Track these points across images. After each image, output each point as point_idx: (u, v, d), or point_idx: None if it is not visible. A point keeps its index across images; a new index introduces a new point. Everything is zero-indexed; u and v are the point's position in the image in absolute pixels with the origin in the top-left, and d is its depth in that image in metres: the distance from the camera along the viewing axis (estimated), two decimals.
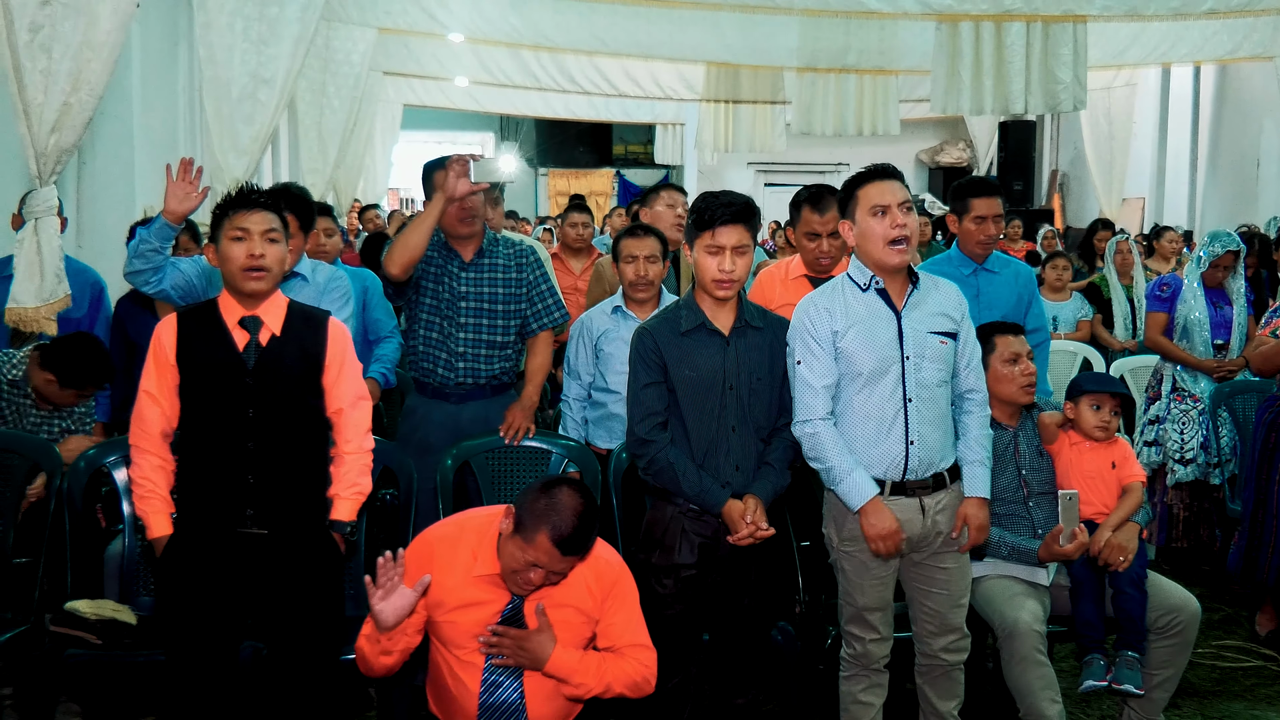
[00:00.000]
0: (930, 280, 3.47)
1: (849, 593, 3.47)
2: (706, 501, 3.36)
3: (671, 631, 3.37)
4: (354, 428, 3.34)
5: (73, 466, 3.88)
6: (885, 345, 3.33)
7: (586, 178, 20.64)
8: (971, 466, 3.47)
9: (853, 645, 3.50)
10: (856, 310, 3.37)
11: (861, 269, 3.41)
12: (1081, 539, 3.67)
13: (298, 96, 8.90)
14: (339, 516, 3.30)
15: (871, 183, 3.37)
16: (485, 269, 4.21)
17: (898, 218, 3.30)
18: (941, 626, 3.50)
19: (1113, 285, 7.61)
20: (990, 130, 16.21)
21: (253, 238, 3.20)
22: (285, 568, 3.22)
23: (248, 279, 3.20)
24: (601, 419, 4.45)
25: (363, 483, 3.35)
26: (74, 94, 4.49)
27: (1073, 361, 6.91)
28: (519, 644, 2.91)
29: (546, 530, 2.81)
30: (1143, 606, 3.74)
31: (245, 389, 3.19)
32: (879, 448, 3.34)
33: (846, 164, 18.38)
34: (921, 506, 3.38)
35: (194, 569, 3.19)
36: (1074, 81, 8.58)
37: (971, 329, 3.52)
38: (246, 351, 3.21)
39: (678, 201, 5.44)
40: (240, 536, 3.19)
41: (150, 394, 3.21)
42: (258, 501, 3.20)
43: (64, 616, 3.58)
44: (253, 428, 3.19)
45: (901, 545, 3.36)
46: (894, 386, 3.33)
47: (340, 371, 3.32)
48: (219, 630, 3.22)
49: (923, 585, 3.49)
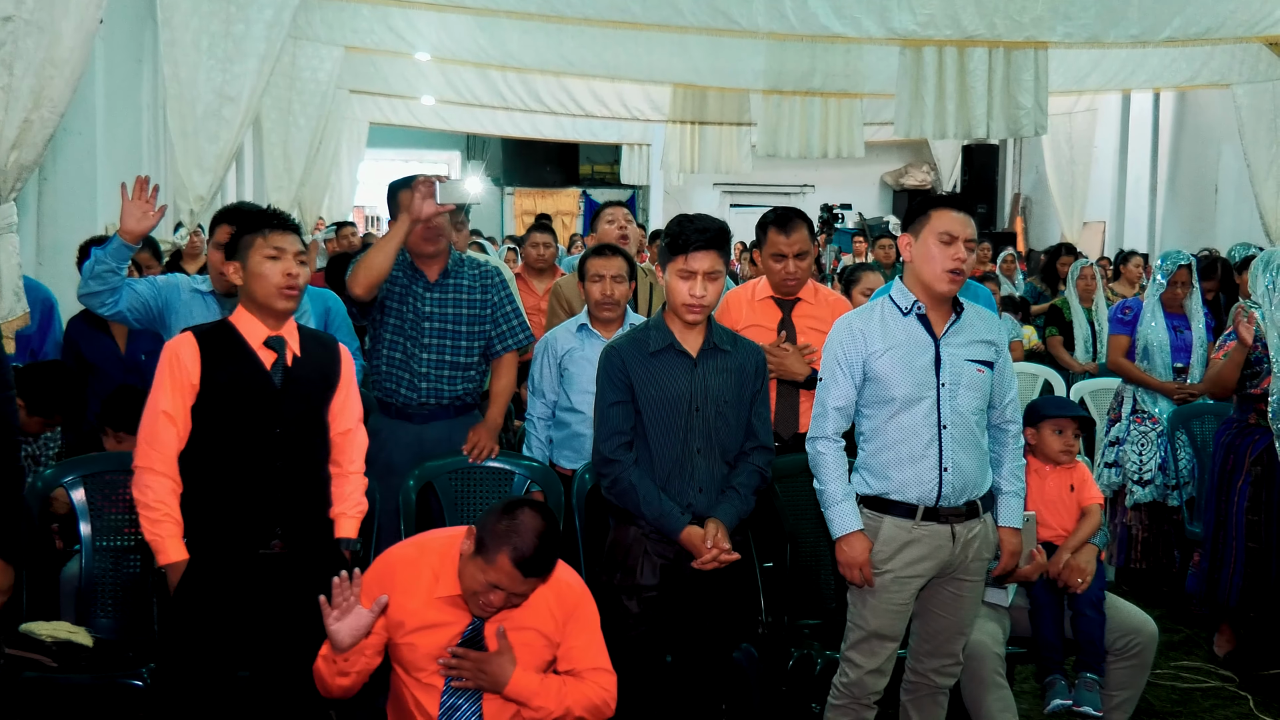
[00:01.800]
0: (974, 310, 3.47)
1: (861, 614, 3.43)
2: (666, 526, 3.36)
3: (634, 653, 3.37)
4: (358, 448, 3.41)
5: (29, 487, 3.83)
6: (922, 371, 3.33)
7: (553, 197, 20.65)
8: (1006, 497, 3.50)
9: (848, 673, 3.45)
10: (895, 334, 3.36)
11: (905, 292, 3.40)
12: (1039, 560, 3.70)
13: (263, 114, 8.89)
14: (346, 533, 3.34)
15: (948, 209, 3.37)
16: (450, 289, 4.20)
17: (961, 251, 3.31)
18: (938, 649, 3.49)
19: (1074, 308, 7.69)
20: (954, 154, 16.39)
21: (287, 257, 3.22)
22: (300, 587, 3.16)
23: (282, 297, 3.22)
24: (566, 439, 4.43)
25: (365, 502, 3.42)
26: (35, 111, 4.45)
27: (1033, 384, 6.97)
28: (479, 666, 2.90)
29: (507, 552, 2.80)
30: (1101, 628, 3.77)
31: (274, 408, 3.21)
32: (913, 473, 3.33)
33: (812, 186, 18.53)
34: (953, 534, 3.36)
35: (211, 595, 3.14)
36: (1035, 107, 8.68)
37: (1009, 361, 3.52)
38: (274, 370, 3.22)
39: (618, 216, 5.47)
40: (259, 559, 3.18)
41: (168, 414, 3.15)
42: (285, 520, 3.21)
43: (19, 638, 3.52)
44: (280, 446, 3.21)
45: (870, 577, 3.35)
46: (929, 413, 3.32)
47: (348, 394, 3.39)
48: (228, 656, 3.20)
49: (934, 607, 3.47)
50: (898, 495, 3.35)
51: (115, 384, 4.67)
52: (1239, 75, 9.61)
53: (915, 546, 3.35)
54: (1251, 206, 9.66)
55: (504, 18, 9.13)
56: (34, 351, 5.20)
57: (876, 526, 3.37)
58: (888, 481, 3.36)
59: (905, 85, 8.71)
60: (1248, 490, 4.76)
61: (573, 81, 12.59)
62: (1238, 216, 11.02)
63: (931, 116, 8.67)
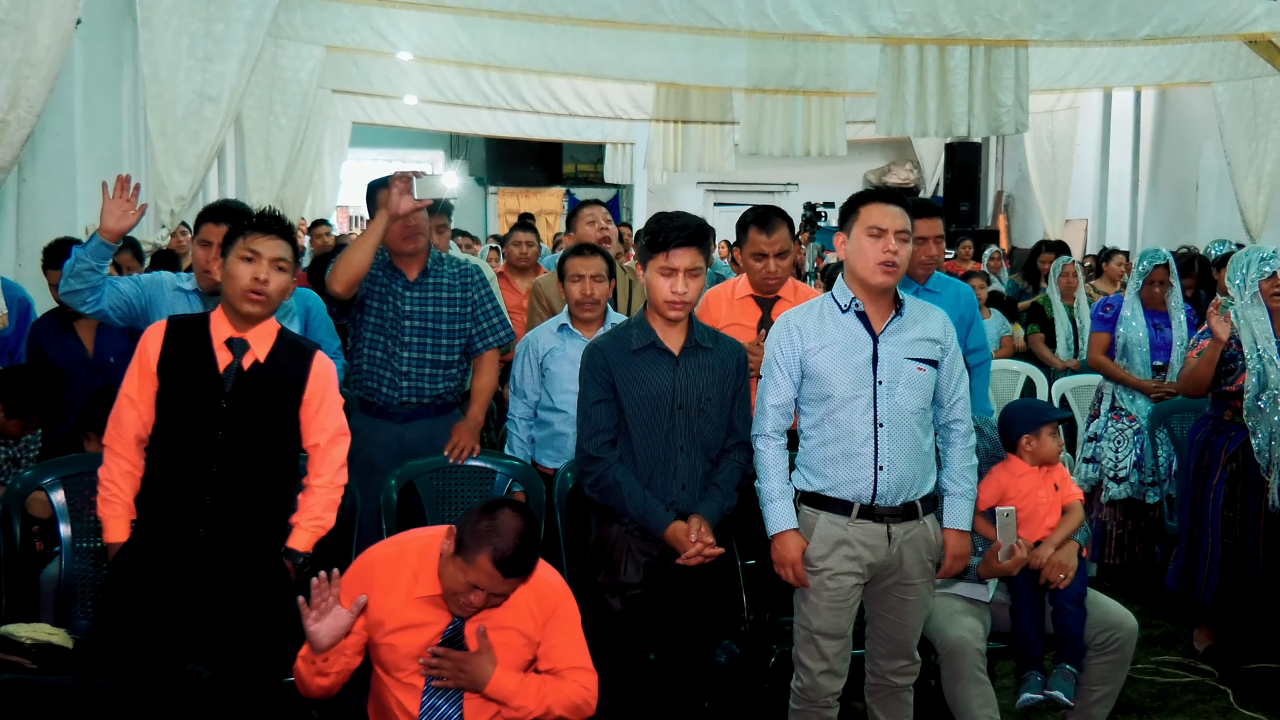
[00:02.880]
0: (920, 307, 3.46)
1: (805, 614, 3.43)
2: (650, 523, 3.36)
3: (618, 651, 3.37)
4: (328, 463, 3.32)
5: (8, 489, 3.82)
6: (858, 368, 3.33)
7: (537, 196, 20.62)
8: (953, 499, 3.48)
9: (801, 677, 3.45)
10: (832, 332, 3.37)
11: (844, 290, 3.40)
12: (1020, 554, 3.71)
13: (244, 114, 8.85)
14: (294, 545, 3.27)
15: (875, 204, 3.37)
16: (430, 288, 4.20)
17: (891, 243, 3.30)
18: (894, 650, 3.50)
19: (1055, 306, 7.71)
20: (936, 152, 16.41)
21: (261, 261, 3.19)
22: (232, 590, 3.18)
23: (246, 299, 3.18)
24: (548, 438, 4.44)
25: (326, 517, 3.32)
26: (11, 111, 4.44)
27: (1015, 381, 6.99)
28: (459, 666, 2.90)
29: (488, 552, 2.80)
30: (1082, 624, 3.78)
31: (218, 411, 3.17)
32: (848, 470, 3.33)
33: (795, 184, 18.56)
34: (889, 534, 3.36)
35: (142, 581, 3.14)
36: (1016, 105, 8.71)
37: (959, 359, 3.50)
38: (226, 374, 3.19)
39: (598, 216, 5.48)
40: (188, 554, 3.16)
41: (130, 398, 3.19)
42: (210, 523, 3.16)
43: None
44: (219, 450, 3.17)
45: (803, 576, 3.35)
46: (865, 410, 3.31)
47: (320, 406, 3.30)
48: (162, 649, 3.17)
49: (881, 610, 3.48)
50: (834, 493, 3.36)
51: (83, 386, 4.59)
52: (1219, 73, 9.64)
53: (850, 545, 3.35)
54: (1232, 203, 9.70)
55: (486, 17, 9.11)
56: (11, 353, 5.16)
57: (813, 523, 3.38)
58: (825, 479, 3.37)
59: (886, 83, 8.74)
60: (1223, 487, 4.78)
61: (556, 80, 12.57)
62: (1218, 213, 11.06)
63: (913, 115, 8.70)
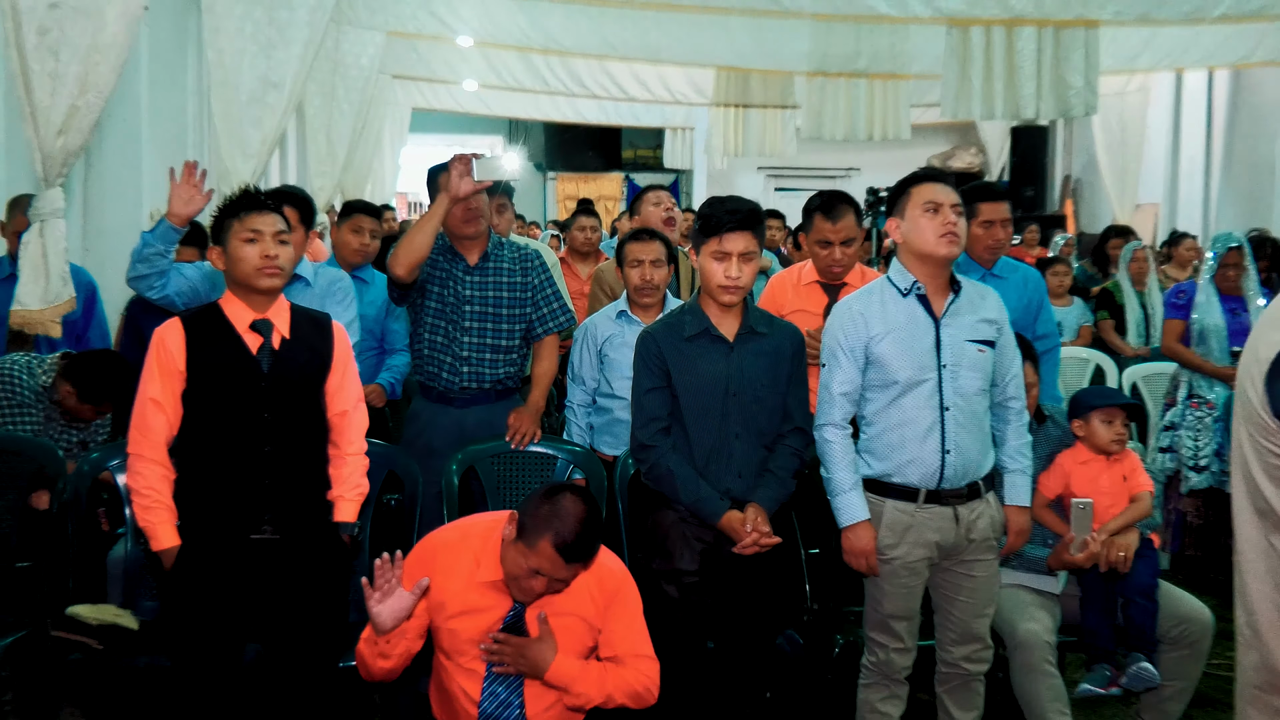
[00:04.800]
0: (974, 288, 3.46)
1: (875, 598, 3.45)
2: (704, 511, 3.35)
3: (675, 639, 3.36)
4: (356, 430, 3.38)
5: (76, 470, 3.88)
6: (923, 354, 3.32)
7: (595, 182, 20.62)
8: (1012, 475, 3.50)
9: (875, 653, 3.48)
10: (895, 317, 3.35)
11: (903, 273, 3.38)
12: (1093, 548, 3.64)
13: (306, 100, 8.90)
14: (344, 518, 3.32)
15: (925, 182, 3.39)
16: (490, 272, 4.20)
17: (950, 216, 3.31)
18: (964, 635, 3.47)
19: (1126, 292, 7.58)
20: (1002, 136, 16.18)
21: (265, 238, 3.21)
22: (294, 572, 3.22)
23: (262, 275, 3.20)
24: (607, 425, 4.43)
25: (364, 484, 3.38)
26: (81, 97, 4.48)
27: (1084, 369, 6.88)
28: (520, 652, 2.90)
29: (549, 537, 2.80)
30: (1153, 616, 3.71)
31: (261, 393, 3.19)
32: (915, 456, 3.33)
33: (857, 169, 18.38)
34: (956, 515, 3.36)
35: (204, 578, 3.17)
36: (1085, 87, 8.53)
37: (1012, 337, 3.50)
38: (260, 355, 3.21)
39: (663, 199, 5.45)
40: (252, 543, 3.18)
41: (156, 401, 3.18)
42: (274, 505, 3.20)
43: (65, 621, 3.57)
44: (269, 431, 3.20)
45: (877, 565, 3.36)
46: (930, 395, 3.31)
47: (344, 374, 3.36)
48: (226, 636, 3.22)
49: (949, 592, 3.46)
50: (900, 478, 3.35)
51: None
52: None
53: (918, 530, 3.35)
54: None
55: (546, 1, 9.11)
56: (79, 337, 5.23)
57: (879, 511, 3.37)
58: (890, 464, 3.36)
59: (952, 66, 8.60)
60: None
61: (615, 65, 12.53)
62: None
63: (979, 97, 8.55)
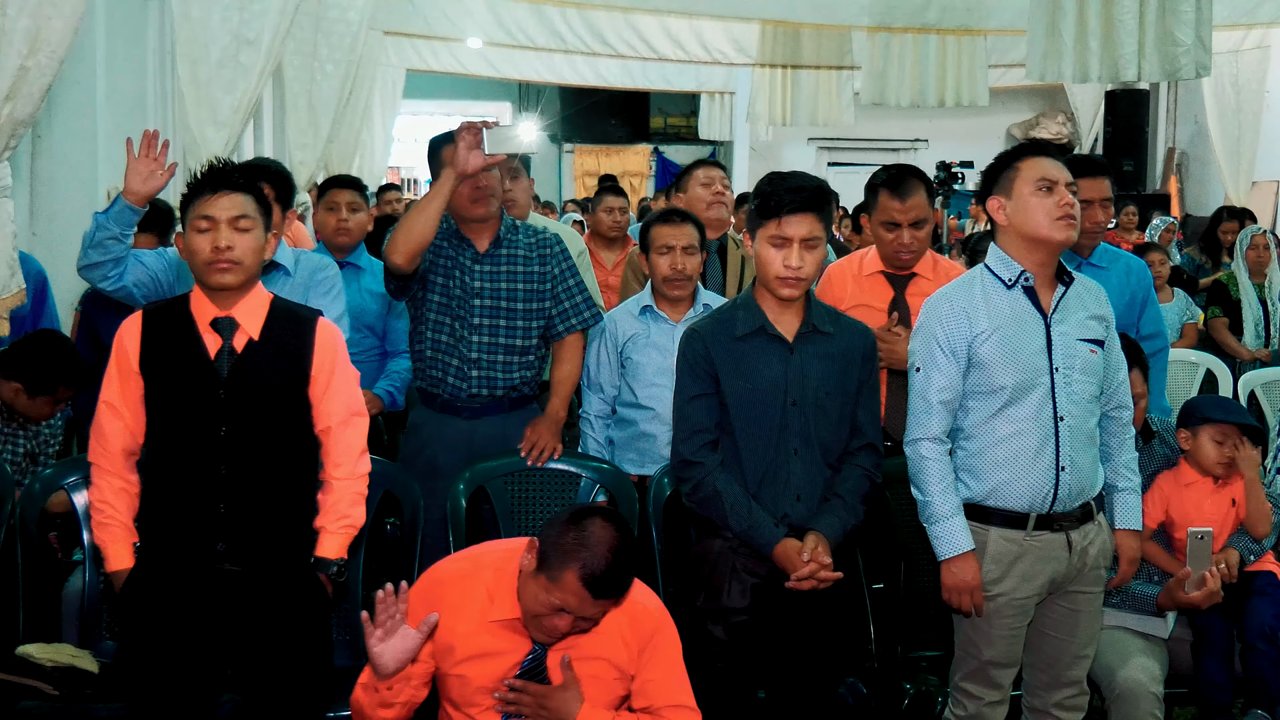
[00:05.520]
0: (1081, 281, 3.45)
1: (973, 643, 3.43)
2: (756, 540, 3.34)
3: (721, 687, 3.36)
4: (345, 450, 3.31)
5: (26, 490, 3.90)
6: (1032, 355, 3.31)
7: (619, 155, 20.63)
8: (1123, 495, 3.52)
9: (964, 705, 3.47)
10: (1001, 313, 3.34)
11: (1007, 261, 3.37)
12: (1212, 585, 3.62)
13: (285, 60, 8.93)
14: (324, 554, 3.27)
15: (1036, 157, 3.37)
16: (503, 260, 4.20)
17: (1066, 196, 3.30)
18: (1057, 679, 3.47)
19: (1242, 285, 7.55)
20: (1095, 101, 16.08)
21: (219, 227, 3.16)
22: (263, 610, 3.20)
23: (212, 271, 3.16)
24: (630, 440, 4.40)
25: (354, 514, 3.31)
26: (31, 57, 4.49)
27: (1194, 374, 6.84)
28: (540, 701, 2.91)
29: (575, 568, 2.81)
30: (1276, 665, 3.69)
31: (217, 403, 3.17)
32: (1026, 476, 3.32)
33: (925, 140, 18.37)
34: (1069, 542, 3.35)
35: (158, 608, 3.18)
36: (1196, 43, 8.47)
37: (1116, 336, 3.50)
38: (219, 359, 3.18)
39: (715, 178, 5.36)
40: (212, 575, 3.18)
41: (111, 405, 3.20)
42: (230, 534, 3.17)
43: (16, 663, 3.60)
44: (225, 448, 3.17)
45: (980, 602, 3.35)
46: (1042, 403, 3.30)
47: (330, 383, 3.29)
48: (188, 681, 3.21)
49: (1044, 628, 3.46)
50: (1003, 502, 3.34)
51: None
52: None
53: (1027, 561, 3.34)
54: None
55: None
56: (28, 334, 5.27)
57: (983, 540, 3.35)
58: (993, 485, 3.34)
59: (1040, 20, 8.55)
60: None
61: (643, 18, 12.54)
62: None
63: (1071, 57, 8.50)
